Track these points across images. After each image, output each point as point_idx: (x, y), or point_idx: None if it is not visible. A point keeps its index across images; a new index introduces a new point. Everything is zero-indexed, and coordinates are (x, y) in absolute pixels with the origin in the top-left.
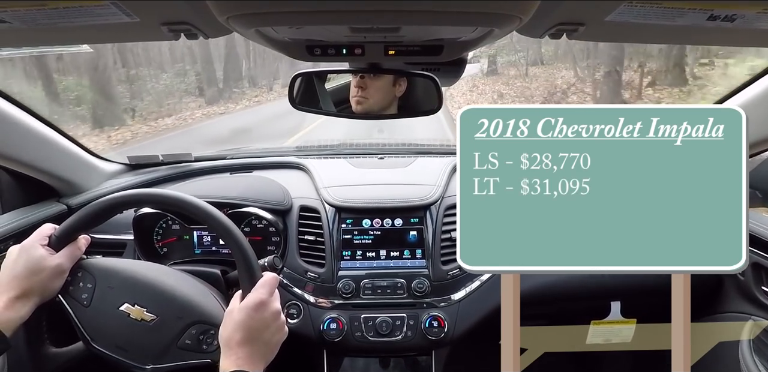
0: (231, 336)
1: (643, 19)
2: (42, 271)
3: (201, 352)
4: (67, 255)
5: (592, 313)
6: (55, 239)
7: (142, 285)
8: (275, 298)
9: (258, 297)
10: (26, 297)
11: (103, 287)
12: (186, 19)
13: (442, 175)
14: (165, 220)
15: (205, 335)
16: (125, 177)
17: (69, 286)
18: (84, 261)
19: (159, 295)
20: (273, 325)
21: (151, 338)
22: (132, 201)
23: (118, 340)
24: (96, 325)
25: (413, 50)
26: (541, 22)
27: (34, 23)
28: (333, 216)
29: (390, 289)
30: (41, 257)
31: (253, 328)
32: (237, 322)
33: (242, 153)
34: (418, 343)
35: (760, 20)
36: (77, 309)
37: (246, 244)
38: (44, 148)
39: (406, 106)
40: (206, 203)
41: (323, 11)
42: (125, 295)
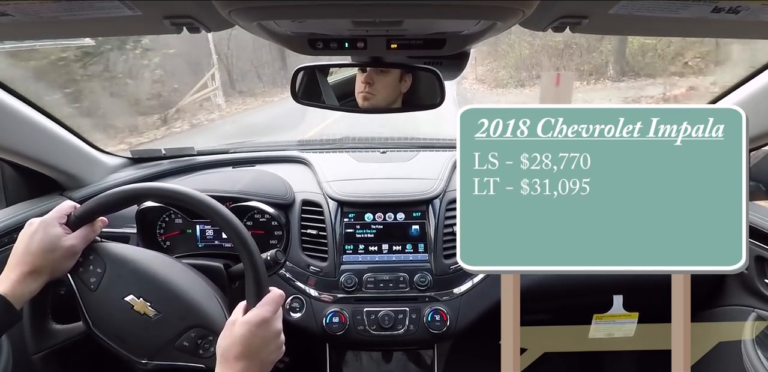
0: (229, 348)
1: (646, 12)
2: (56, 250)
3: (197, 356)
4: (81, 236)
5: (594, 307)
6: (74, 218)
7: (151, 279)
8: (278, 317)
9: (262, 314)
10: (37, 273)
11: (113, 275)
12: (188, 12)
13: (445, 169)
14: (168, 214)
15: (204, 340)
16: (128, 171)
17: (79, 267)
18: (98, 244)
19: (165, 292)
20: (272, 344)
21: (150, 334)
22: (155, 194)
23: (118, 330)
24: (99, 310)
25: (415, 44)
26: (544, 15)
27: (36, 16)
28: (335, 210)
29: (392, 283)
30: (56, 236)
31: (252, 345)
32: (237, 336)
33: (245, 147)
34: (420, 336)
35: (764, 12)
36: (83, 292)
37: (258, 256)
38: (48, 142)
39: (410, 101)
40: (213, 200)
41: (326, 4)
42: (132, 286)
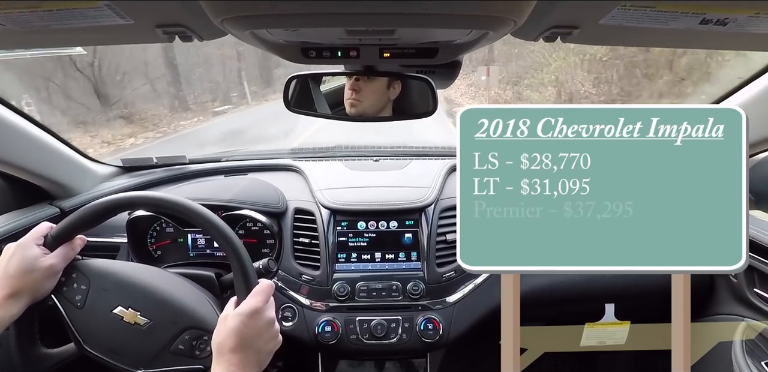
0: (224, 342)
1: (637, 23)
2: (35, 271)
3: (193, 358)
4: (61, 255)
5: (588, 315)
6: (51, 239)
7: (137, 288)
8: (270, 306)
9: (253, 304)
10: (17, 296)
11: (97, 289)
12: (180, 21)
13: (438, 177)
14: (159, 223)
15: (199, 341)
16: (119, 180)
17: (63, 286)
18: (79, 262)
19: (153, 299)
20: (267, 333)
21: (144, 342)
22: (130, 203)
23: (110, 344)
24: (88, 327)
25: (408, 53)
26: (535, 25)
27: (27, 25)
28: (328, 218)
29: (385, 292)
30: (34, 257)
31: (246, 336)
32: (230, 329)
33: (237, 155)
34: (413, 345)
35: (751, 24)
36: (70, 310)
37: (242, 250)
38: (36, 150)
39: (401, 109)
40: (203, 207)
41: (318, 13)
42: (119, 297)
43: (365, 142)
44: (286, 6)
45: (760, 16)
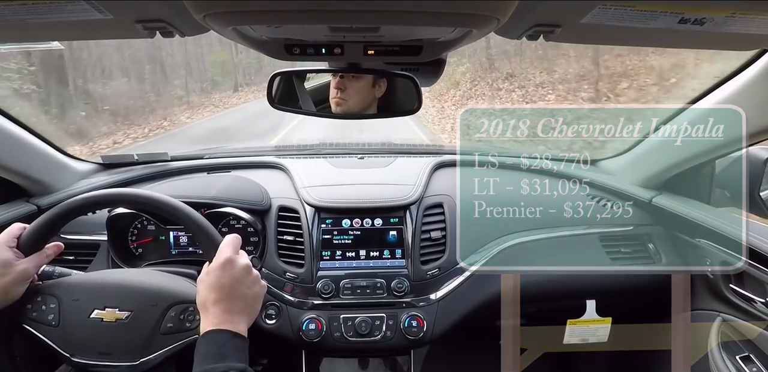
0: (206, 298)
1: (617, 22)
2: (6, 275)
3: (185, 331)
4: (34, 261)
5: (568, 312)
6: (24, 240)
7: (106, 287)
8: (242, 256)
9: (222, 256)
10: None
11: (68, 302)
12: (161, 16)
13: (422, 174)
14: (140, 221)
15: (186, 313)
16: (99, 177)
17: (32, 312)
18: (39, 286)
19: (125, 292)
20: (246, 280)
21: (132, 334)
22: (99, 201)
23: (99, 347)
24: (72, 339)
25: (392, 50)
26: (518, 24)
27: (1, 19)
28: (312, 216)
29: (369, 289)
30: (7, 261)
31: (225, 286)
32: (208, 284)
33: (220, 152)
34: (397, 342)
35: (728, 24)
36: (47, 332)
37: (198, 216)
38: (11, 146)
39: (386, 106)
40: (156, 193)
41: (302, 10)
42: (92, 302)
43: (350, 140)
44: (270, 2)
45: (736, 16)
